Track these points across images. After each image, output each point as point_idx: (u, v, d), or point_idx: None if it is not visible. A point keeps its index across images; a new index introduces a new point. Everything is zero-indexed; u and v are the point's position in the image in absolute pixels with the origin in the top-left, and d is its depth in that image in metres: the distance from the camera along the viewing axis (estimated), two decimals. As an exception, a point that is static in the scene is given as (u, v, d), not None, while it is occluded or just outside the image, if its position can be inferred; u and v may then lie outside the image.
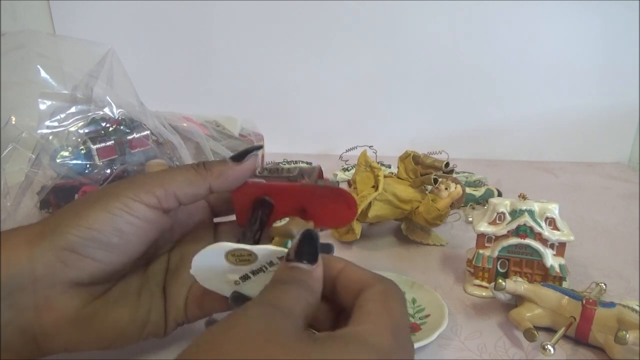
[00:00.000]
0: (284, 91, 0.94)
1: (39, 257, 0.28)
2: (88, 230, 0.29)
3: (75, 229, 0.29)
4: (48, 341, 0.30)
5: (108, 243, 0.29)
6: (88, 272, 0.30)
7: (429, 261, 0.52)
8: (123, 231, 0.30)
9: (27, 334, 0.29)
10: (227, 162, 0.33)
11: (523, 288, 0.40)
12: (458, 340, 0.39)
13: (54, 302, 0.30)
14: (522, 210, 0.43)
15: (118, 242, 0.30)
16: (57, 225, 0.29)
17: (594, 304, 0.37)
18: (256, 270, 0.30)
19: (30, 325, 0.29)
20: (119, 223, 0.29)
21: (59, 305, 0.30)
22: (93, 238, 0.29)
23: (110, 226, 0.29)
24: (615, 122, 0.90)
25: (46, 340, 0.30)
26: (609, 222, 0.63)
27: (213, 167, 0.32)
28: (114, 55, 0.59)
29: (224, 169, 0.32)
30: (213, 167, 0.32)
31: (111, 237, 0.29)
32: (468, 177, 0.76)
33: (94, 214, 0.29)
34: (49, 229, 0.29)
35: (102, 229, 0.29)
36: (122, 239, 0.30)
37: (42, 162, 0.53)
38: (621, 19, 0.83)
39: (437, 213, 0.52)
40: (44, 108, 0.54)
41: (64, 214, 0.30)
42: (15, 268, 0.28)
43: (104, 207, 0.29)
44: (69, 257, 0.29)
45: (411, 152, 0.56)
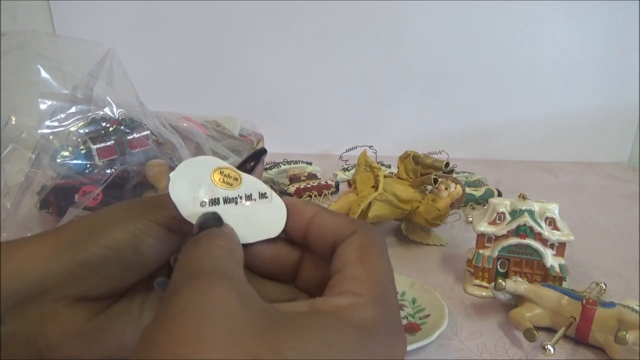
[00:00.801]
0: (284, 91, 0.94)
1: (53, 271, 0.28)
2: (107, 250, 0.28)
3: (94, 247, 0.28)
4: (51, 352, 0.30)
5: (126, 264, 0.29)
6: (99, 289, 0.30)
7: (429, 261, 0.52)
8: (142, 253, 0.29)
9: (31, 345, 0.29)
10: None
11: (523, 288, 0.40)
12: (458, 340, 0.39)
13: (60, 315, 0.29)
14: (522, 210, 0.43)
15: (135, 263, 0.29)
16: (75, 239, 0.28)
17: (594, 304, 0.37)
18: (230, 198, 0.28)
19: (35, 337, 0.29)
20: (139, 245, 0.29)
21: (64, 318, 0.29)
22: (112, 257, 0.28)
23: (130, 247, 0.28)
24: (615, 122, 0.90)
25: (49, 351, 0.30)
26: (609, 222, 0.63)
27: None
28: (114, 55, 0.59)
29: None
30: None
31: (130, 258, 0.29)
32: (468, 177, 0.76)
33: (115, 233, 0.28)
34: (65, 242, 0.28)
35: (121, 250, 0.28)
36: (140, 260, 0.29)
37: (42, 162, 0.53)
38: (621, 19, 0.83)
39: (437, 213, 0.52)
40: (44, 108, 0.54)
41: (83, 228, 0.29)
42: (28, 279, 0.28)
43: (125, 227, 0.28)
44: (84, 273, 0.28)
45: (411, 152, 0.56)
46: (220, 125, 0.75)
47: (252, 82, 0.94)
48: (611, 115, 0.89)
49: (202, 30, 0.92)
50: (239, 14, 0.89)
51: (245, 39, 0.91)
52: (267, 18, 0.89)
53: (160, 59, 0.94)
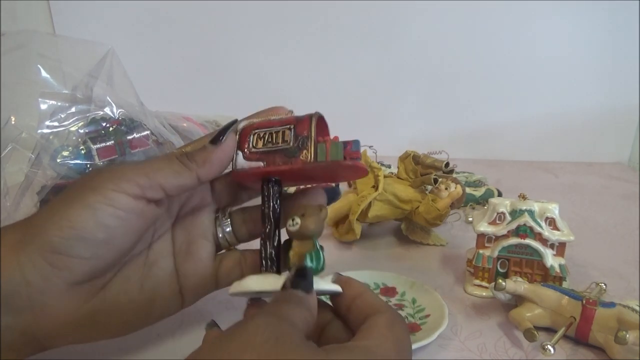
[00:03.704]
0: (283, 91, 0.94)
1: (27, 263, 0.27)
2: (70, 230, 0.27)
3: (57, 230, 0.27)
4: (50, 340, 0.30)
5: (94, 240, 0.28)
6: (80, 271, 0.29)
7: (429, 261, 0.52)
8: (108, 225, 0.28)
9: (28, 335, 0.29)
10: (207, 147, 0.31)
11: (523, 288, 0.40)
12: (458, 340, 0.39)
13: (51, 306, 0.29)
14: (522, 210, 0.43)
15: (105, 237, 0.29)
16: (38, 227, 0.28)
17: (594, 304, 0.37)
18: None
19: (30, 328, 0.29)
20: (102, 218, 0.28)
21: (56, 308, 0.29)
22: (77, 237, 0.28)
23: (93, 222, 0.28)
24: (615, 122, 0.90)
25: (48, 339, 0.30)
26: (609, 222, 0.63)
27: (196, 156, 0.31)
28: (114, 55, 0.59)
29: (206, 155, 0.31)
30: (196, 156, 0.31)
31: (96, 233, 0.28)
32: (468, 177, 0.76)
33: (74, 211, 0.28)
34: (30, 232, 0.28)
35: (85, 227, 0.28)
36: (108, 233, 0.29)
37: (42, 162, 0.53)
38: (621, 19, 0.83)
39: (437, 213, 0.52)
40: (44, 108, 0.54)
41: (44, 215, 0.28)
42: (5, 275, 0.27)
43: (83, 202, 0.28)
44: (56, 259, 0.28)
45: (411, 152, 0.56)
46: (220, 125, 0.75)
47: (252, 82, 0.94)
48: (611, 115, 0.89)
49: (202, 30, 0.92)
50: (239, 14, 0.89)
51: (246, 39, 0.91)
52: (267, 18, 0.89)
53: (160, 59, 0.94)
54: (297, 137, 0.31)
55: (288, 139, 0.31)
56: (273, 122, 0.32)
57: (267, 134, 0.32)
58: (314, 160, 0.30)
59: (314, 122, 0.31)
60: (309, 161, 0.30)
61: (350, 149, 0.31)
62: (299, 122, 0.31)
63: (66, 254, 0.28)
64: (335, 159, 0.30)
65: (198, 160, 0.31)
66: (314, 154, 0.30)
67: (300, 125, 0.31)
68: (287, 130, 0.31)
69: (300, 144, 0.30)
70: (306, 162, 0.30)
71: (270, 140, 0.31)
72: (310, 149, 0.30)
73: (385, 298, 0.44)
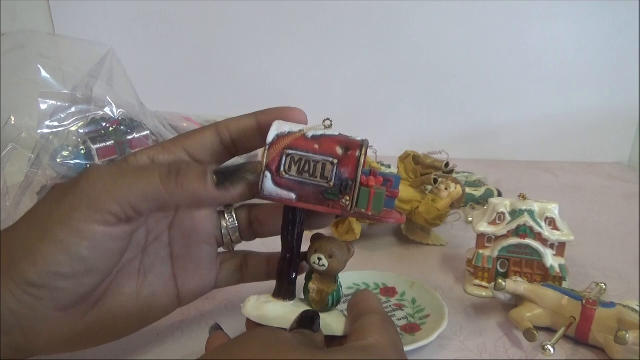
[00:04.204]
0: (283, 91, 0.94)
1: (9, 296, 0.26)
2: (46, 266, 0.25)
3: (32, 267, 0.25)
4: (44, 353, 0.29)
5: (72, 271, 0.26)
6: (64, 299, 0.27)
7: (429, 261, 0.52)
8: (84, 256, 0.26)
9: (20, 350, 0.28)
10: (207, 181, 0.27)
11: (523, 288, 0.40)
12: (458, 341, 0.39)
13: (42, 329, 0.28)
14: (522, 210, 0.43)
15: (83, 268, 0.27)
16: (14, 262, 0.26)
17: (594, 304, 0.37)
18: None
19: (21, 344, 0.28)
20: (76, 251, 0.26)
21: (48, 330, 0.28)
22: (54, 272, 0.26)
23: (67, 256, 0.26)
24: (615, 122, 0.90)
25: (41, 352, 0.29)
26: (609, 222, 0.63)
27: (186, 183, 0.26)
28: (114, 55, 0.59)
29: (199, 190, 0.26)
30: (186, 183, 0.26)
31: (73, 265, 0.26)
32: (468, 177, 0.76)
33: (46, 247, 0.25)
34: (6, 265, 0.26)
35: (59, 262, 0.26)
36: (86, 263, 0.26)
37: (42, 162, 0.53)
38: (621, 18, 0.83)
39: (437, 213, 0.52)
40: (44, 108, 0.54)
41: (17, 247, 0.26)
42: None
43: (54, 238, 0.25)
44: (37, 291, 0.26)
45: (411, 152, 0.56)
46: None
47: (252, 82, 0.94)
48: (611, 115, 0.89)
49: (202, 31, 0.92)
50: (239, 14, 0.89)
51: (245, 39, 0.91)
52: (267, 18, 0.89)
53: (160, 59, 0.94)
54: (341, 179, 0.27)
55: (329, 177, 0.27)
56: (310, 145, 0.28)
57: (303, 161, 0.27)
58: (354, 207, 0.27)
59: (362, 161, 0.27)
60: (349, 209, 0.27)
61: (391, 187, 0.29)
62: (345, 157, 0.27)
63: (47, 287, 0.26)
64: (375, 212, 0.28)
65: (185, 187, 0.26)
66: (356, 200, 0.27)
67: (345, 161, 0.27)
68: (329, 164, 0.27)
69: (342, 187, 0.27)
70: (345, 208, 0.27)
71: (307, 170, 0.27)
72: (353, 195, 0.27)
73: (385, 298, 0.44)
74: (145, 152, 0.30)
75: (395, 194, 0.29)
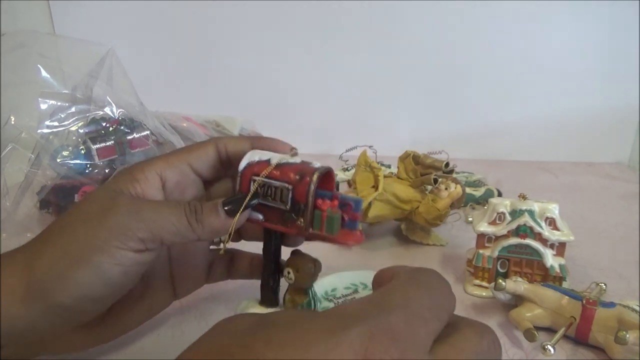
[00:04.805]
0: (283, 91, 0.94)
1: (37, 317, 0.28)
2: (79, 291, 0.28)
3: (65, 291, 0.27)
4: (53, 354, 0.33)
5: (101, 295, 0.29)
6: (87, 318, 0.30)
7: (429, 261, 0.52)
8: (115, 281, 0.29)
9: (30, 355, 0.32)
10: (220, 215, 0.30)
11: (523, 288, 0.40)
12: (458, 340, 0.39)
13: (54, 343, 0.32)
14: (522, 210, 0.43)
15: (111, 290, 0.29)
16: (46, 287, 0.28)
17: (594, 304, 0.37)
18: None
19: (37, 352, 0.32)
20: (109, 276, 0.28)
21: (59, 344, 0.32)
22: (86, 296, 0.28)
23: (101, 281, 0.28)
24: (615, 122, 0.90)
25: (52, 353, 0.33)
26: (609, 222, 0.63)
27: (205, 220, 0.30)
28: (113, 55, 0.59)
29: (216, 224, 0.30)
30: (205, 220, 0.30)
31: (104, 289, 0.29)
32: (468, 177, 0.76)
33: (82, 273, 0.28)
34: (38, 288, 0.28)
35: (93, 287, 0.28)
36: (115, 286, 0.29)
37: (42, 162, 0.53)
38: (621, 19, 0.83)
39: (437, 213, 0.52)
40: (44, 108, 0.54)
41: (50, 273, 0.28)
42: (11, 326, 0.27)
43: (90, 264, 0.28)
44: (64, 313, 0.28)
45: (411, 152, 0.56)
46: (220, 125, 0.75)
47: (252, 82, 0.94)
48: (611, 115, 0.89)
49: (202, 31, 0.92)
50: (239, 15, 0.89)
51: (245, 39, 0.91)
52: (266, 18, 0.89)
53: (160, 59, 0.94)
54: (294, 203, 0.30)
55: (285, 201, 0.30)
56: (273, 172, 0.31)
57: (267, 187, 0.31)
58: (309, 228, 0.30)
59: (312, 188, 0.30)
60: (304, 229, 0.30)
61: (351, 210, 0.31)
62: (298, 184, 0.30)
63: (74, 311, 0.29)
64: (329, 233, 0.30)
65: (205, 224, 0.30)
66: (310, 222, 0.30)
67: (299, 188, 0.30)
68: (286, 189, 0.30)
69: (296, 210, 0.30)
70: (301, 229, 0.30)
71: (270, 195, 0.31)
72: (306, 217, 0.30)
73: (385, 298, 0.44)
74: (152, 168, 0.31)
75: (356, 217, 0.31)
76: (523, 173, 0.85)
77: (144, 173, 0.31)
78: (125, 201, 0.29)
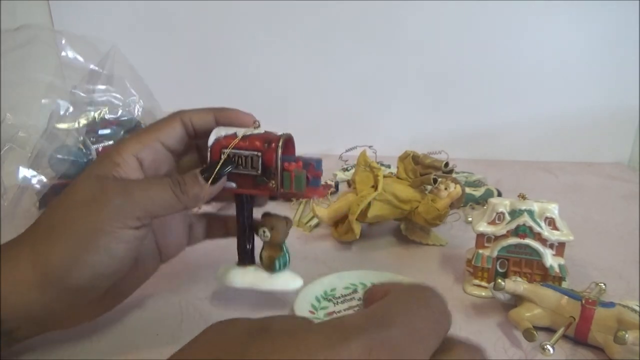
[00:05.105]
0: (283, 91, 0.94)
1: (50, 301, 0.31)
2: (93, 271, 0.31)
3: (81, 274, 0.31)
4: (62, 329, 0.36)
5: (111, 271, 0.33)
6: (97, 294, 0.34)
7: (429, 261, 0.52)
8: (121, 256, 0.32)
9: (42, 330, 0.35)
10: (201, 183, 0.34)
11: (522, 288, 0.40)
12: (457, 340, 0.39)
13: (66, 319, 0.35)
14: (521, 210, 0.43)
15: (119, 265, 0.33)
16: (60, 272, 0.31)
17: (593, 303, 0.37)
18: None
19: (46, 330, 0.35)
20: (116, 254, 0.32)
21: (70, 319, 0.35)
22: (98, 275, 0.32)
23: (110, 259, 0.32)
24: (615, 122, 0.90)
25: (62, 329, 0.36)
26: (609, 222, 0.63)
27: (189, 190, 0.34)
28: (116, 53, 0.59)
29: (199, 192, 0.34)
30: (189, 190, 0.34)
31: (113, 266, 0.32)
32: (468, 177, 0.76)
33: (93, 256, 0.31)
34: (52, 273, 0.31)
35: (104, 265, 0.32)
36: (122, 260, 0.33)
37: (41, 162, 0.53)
38: (621, 19, 0.83)
39: (436, 213, 0.52)
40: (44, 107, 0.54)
41: (65, 259, 0.31)
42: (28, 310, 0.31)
43: (99, 246, 0.31)
44: (78, 293, 0.32)
45: (411, 152, 0.56)
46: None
47: (252, 82, 0.94)
48: (611, 115, 0.89)
49: (202, 31, 0.92)
50: (238, 14, 0.89)
51: (245, 39, 0.91)
52: (267, 18, 0.89)
53: (160, 59, 0.94)
54: (265, 168, 0.35)
55: (256, 167, 0.35)
56: (240, 144, 0.35)
57: (237, 157, 0.35)
58: (280, 189, 0.35)
59: (279, 152, 0.34)
60: (276, 190, 0.35)
61: (314, 169, 0.35)
62: (267, 150, 0.34)
63: (88, 289, 0.32)
64: (298, 189, 0.34)
65: (190, 194, 0.34)
66: (280, 183, 0.35)
67: (267, 154, 0.34)
68: (256, 157, 0.35)
69: (267, 174, 0.35)
70: (273, 190, 0.35)
71: (240, 164, 0.35)
72: (277, 178, 0.34)
73: (385, 298, 0.43)
74: (129, 151, 0.34)
75: (318, 174, 0.35)
76: (523, 173, 0.85)
77: (122, 156, 0.34)
78: (114, 186, 0.32)
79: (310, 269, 0.49)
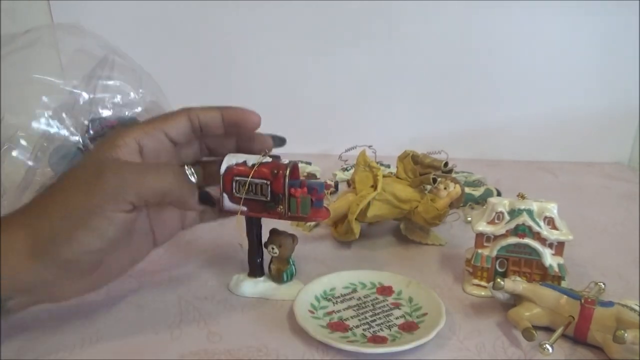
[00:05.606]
0: (283, 91, 0.94)
1: (43, 269, 0.32)
2: (80, 248, 0.32)
3: (68, 248, 0.32)
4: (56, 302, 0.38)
5: (100, 249, 0.33)
6: (86, 269, 0.35)
7: (428, 261, 0.52)
8: (110, 237, 0.33)
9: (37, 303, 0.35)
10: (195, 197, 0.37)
11: (522, 287, 0.40)
12: (456, 340, 0.39)
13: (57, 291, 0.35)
14: (520, 210, 0.43)
15: (108, 244, 0.34)
16: (50, 244, 0.32)
17: (592, 303, 0.37)
18: None
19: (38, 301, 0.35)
20: (106, 234, 0.33)
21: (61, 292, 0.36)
22: (86, 252, 0.33)
23: (99, 239, 0.33)
24: (615, 122, 0.90)
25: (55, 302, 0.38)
26: (608, 222, 0.63)
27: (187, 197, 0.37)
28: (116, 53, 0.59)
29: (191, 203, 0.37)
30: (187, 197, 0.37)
31: (101, 245, 0.33)
32: (467, 177, 0.76)
33: (82, 234, 0.32)
34: (42, 245, 0.32)
35: (92, 244, 0.33)
36: (112, 241, 0.34)
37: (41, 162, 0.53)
38: (621, 19, 0.83)
39: (436, 213, 0.52)
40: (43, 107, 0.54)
41: (54, 233, 0.32)
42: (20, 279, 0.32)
43: (89, 226, 0.32)
44: (67, 266, 0.33)
45: (410, 152, 0.56)
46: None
47: (252, 82, 0.94)
48: (611, 115, 0.89)
49: (202, 31, 0.92)
50: (239, 14, 0.89)
51: (245, 39, 0.91)
52: (266, 18, 0.89)
53: (160, 59, 0.94)
54: (274, 194, 0.39)
55: (266, 194, 0.39)
56: (251, 172, 0.39)
57: (247, 184, 0.39)
58: (287, 213, 0.39)
59: (286, 181, 0.38)
60: (283, 214, 0.39)
61: (317, 192, 0.39)
62: (275, 178, 0.38)
63: (77, 263, 0.33)
64: (303, 213, 0.39)
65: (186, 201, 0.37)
66: (288, 208, 0.39)
67: (276, 181, 0.39)
68: (265, 185, 0.39)
69: (276, 200, 0.39)
70: (282, 214, 0.39)
71: (252, 190, 0.39)
72: (284, 204, 0.39)
73: (382, 297, 0.44)
74: (131, 135, 0.35)
75: (321, 197, 0.39)
76: (523, 173, 0.85)
77: (123, 139, 0.35)
78: (110, 168, 0.33)
79: (309, 269, 0.49)
